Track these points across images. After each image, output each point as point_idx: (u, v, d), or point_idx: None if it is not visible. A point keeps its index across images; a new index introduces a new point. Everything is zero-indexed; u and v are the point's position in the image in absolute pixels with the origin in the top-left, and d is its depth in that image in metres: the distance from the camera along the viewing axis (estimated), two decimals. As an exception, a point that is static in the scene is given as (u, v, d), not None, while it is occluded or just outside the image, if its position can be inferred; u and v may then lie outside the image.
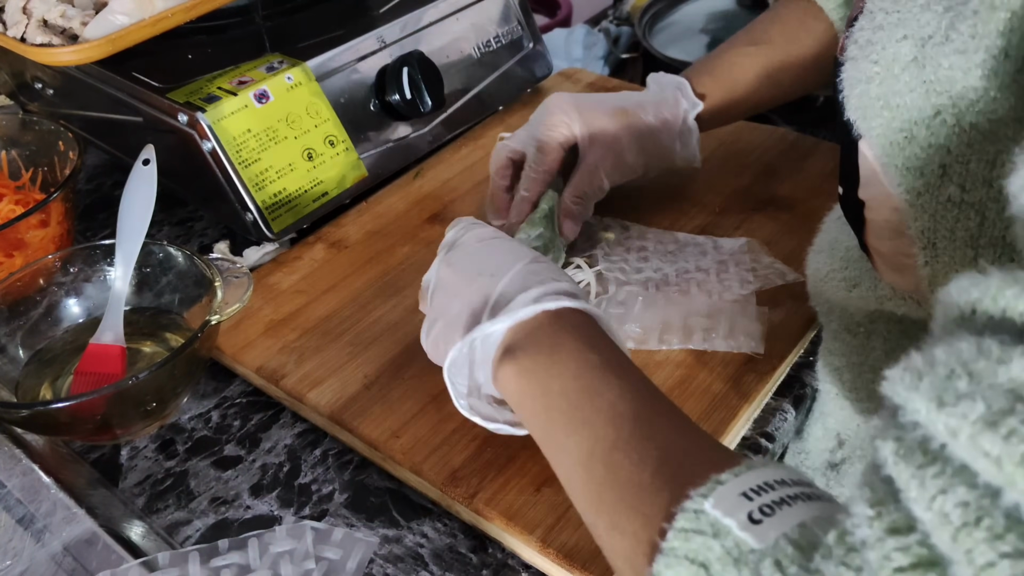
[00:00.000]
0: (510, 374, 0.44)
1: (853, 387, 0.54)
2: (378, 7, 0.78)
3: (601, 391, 0.40)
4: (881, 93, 0.40)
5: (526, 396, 0.43)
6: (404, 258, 0.68)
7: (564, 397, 0.41)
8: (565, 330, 0.44)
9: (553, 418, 0.41)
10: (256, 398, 0.60)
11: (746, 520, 0.30)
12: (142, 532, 0.51)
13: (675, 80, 0.66)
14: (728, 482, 0.32)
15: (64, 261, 0.62)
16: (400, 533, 0.51)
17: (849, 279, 0.50)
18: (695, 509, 0.32)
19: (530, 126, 0.66)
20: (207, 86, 0.67)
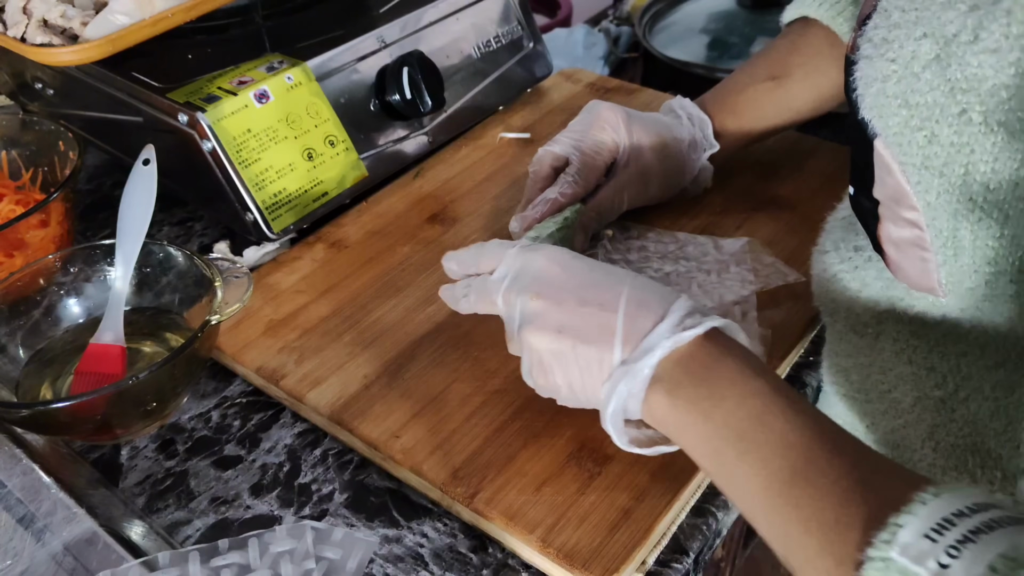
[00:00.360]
0: (664, 407, 0.43)
1: (862, 388, 0.54)
2: (378, 7, 0.78)
3: (768, 420, 0.40)
4: (899, 91, 0.39)
5: (687, 426, 0.43)
6: (404, 258, 0.68)
7: (729, 427, 0.41)
8: (712, 355, 0.43)
9: (721, 450, 0.41)
10: (256, 398, 0.60)
11: (935, 566, 0.31)
12: (142, 532, 0.51)
13: (700, 117, 0.67)
14: (907, 524, 0.32)
15: (64, 261, 0.62)
16: (400, 533, 0.51)
17: (860, 279, 0.50)
18: (882, 557, 0.32)
19: (576, 132, 0.65)
20: (207, 86, 0.67)
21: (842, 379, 0.56)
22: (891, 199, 0.42)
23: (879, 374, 0.52)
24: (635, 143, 0.64)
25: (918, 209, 0.41)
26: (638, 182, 0.65)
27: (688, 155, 0.66)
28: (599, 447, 0.52)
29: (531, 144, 0.80)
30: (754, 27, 0.96)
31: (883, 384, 0.52)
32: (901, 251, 0.44)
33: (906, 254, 0.44)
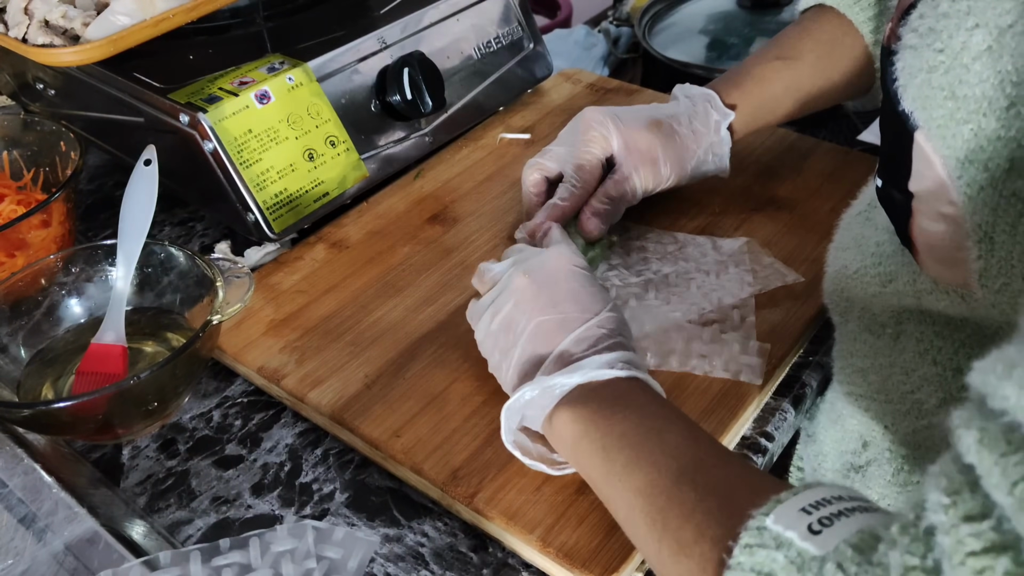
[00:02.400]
0: (566, 419, 0.45)
1: (881, 388, 0.54)
2: (379, 8, 0.78)
3: (663, 434, 0.42)
4: (946, 83, 0.39)
5: (583, 439, 0.45)
6: (405, 258, 0.68)
7: (625, 438, 0.43)
8: (628, 390, 0.46)
9: (612, 457, 0.43)
10: (257, 398, 0.60)
11: (806, 531, 0.32)
12: (143, 531, 0.51)
13: (704, 92, 0.67)
14: (787, 500, 0.34)
15: (66, 261, 0.62)
16: (401, 532, 0.51)
17: (884, 275, 0.50)
18: (758, 526, 0.33)
19: (564, 143, 0.65)
20: (208, 87, 0.68)
21: (859, 380, 0.56)
22: (929, 193, 0.42)
23: (901, 375, 0.52)
24: (627, 136, 0.63)
25: (957, 204, 0.40)
26: (644, 166, 0.64)
27: (697, 129, 0.65)
28: (599, 447, 0.52)
29: (531, 145, 0.80)
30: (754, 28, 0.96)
31: (905, 385, 0.52)
32: (934, 246, 0.43)
33: (940, 249, 0.43)
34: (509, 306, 0.50)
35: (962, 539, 0.24)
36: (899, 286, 0.48)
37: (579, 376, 0.45)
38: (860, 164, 0.74)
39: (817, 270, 0.63)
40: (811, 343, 0.61)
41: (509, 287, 0.51)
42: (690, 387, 0.55)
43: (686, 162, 0.65)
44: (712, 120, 0.66)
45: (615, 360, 0.46)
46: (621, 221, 0.68)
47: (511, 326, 0.50)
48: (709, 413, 0.54)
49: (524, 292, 0.50)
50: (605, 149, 0.64)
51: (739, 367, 0.56)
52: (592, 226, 0.62)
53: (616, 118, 0.64)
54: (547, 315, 0.48)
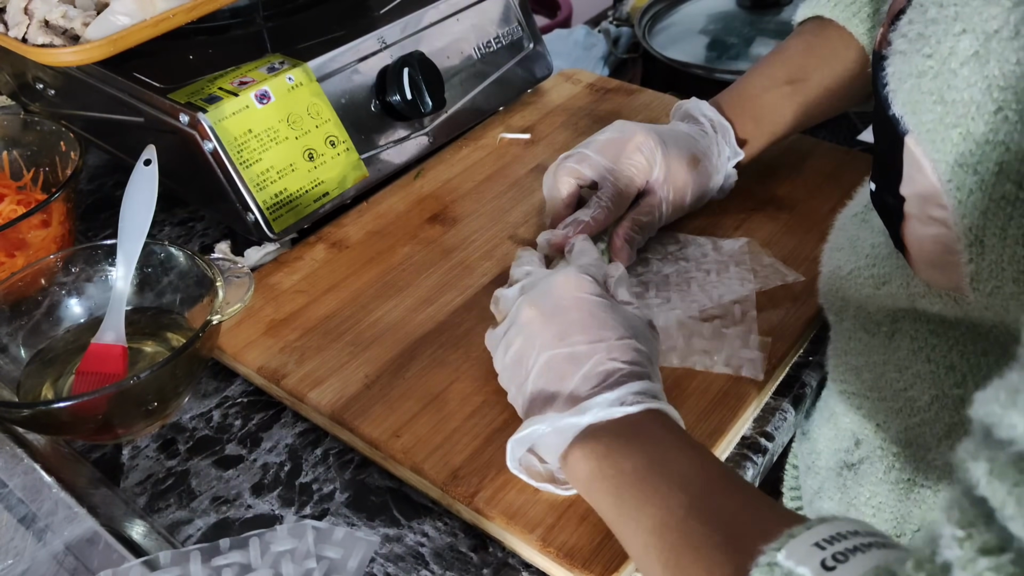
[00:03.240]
0: (579, 457, 0.45)
1: (875, 386, 0.54)
2: (379, 8, 0.78)
3: (672, 465, 0.42)
4: (935, 88, 0.39)
5: (596, 478, 0.44)
6: (405, 258, 0.68)
7: (636, 474, 0.43)
8: (642, 424, 0.45)
9: (624, 494, 0.43)
10: (257, 398, 0.60)
11: (819, 567, 0.31)
12: (143, 531, 0.51)
13: (722, 124, 0.66)
14: (800, 535, 0.33)
15: (66, 261, 0.62)
16: (401, 532, 0.51)
17: (877, 276, 0.50)
18: (769, 562, 0.33)
19: (604, 155, 0.63)
20: (208, 87, 0.68)
21: (852, 378, 0.56)
22: (919, 196, 0.42)
23: (895, 372, 0.52)
24: (671, 164, 0.63)
25: (947, 207, 0.40)
26: (675, 199, 0.64)
27: (716, 166, 0.66)
28: (599, 447, 0.52)
29: (531, 145, 0.80)
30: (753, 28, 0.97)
31: (899, 383, 0.52)
32: (926, 249, 0.43)
33: (931, 253, 0.43)
34: (520, 340, 0.50)
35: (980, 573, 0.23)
36: (893, 288, 0.49)
37: (589, 416, 0.45)
38: (860, 164, 0.74)
39: (817, 269, 0.63)
40: (811, 343, 0.61)
41: (518, 320, 0.50)
42: (690, 387, 0.55)
43: (703, 199, 0.67)
44: (726, 156, 0.66)
45: (625, 395, 0.46)
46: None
47: (522, 360, 0.49)
48: (709, 413, 0.54)
49: (532, 325, 0.49)
50: (646, 176, 0.63)
51: (740, 362, 0.56)
52: (625, 255, 0.62)
53: (664, 148, 0.63)
54: (556, 349, 0.48)
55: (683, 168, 0.64)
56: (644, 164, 0.63)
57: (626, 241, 0.62)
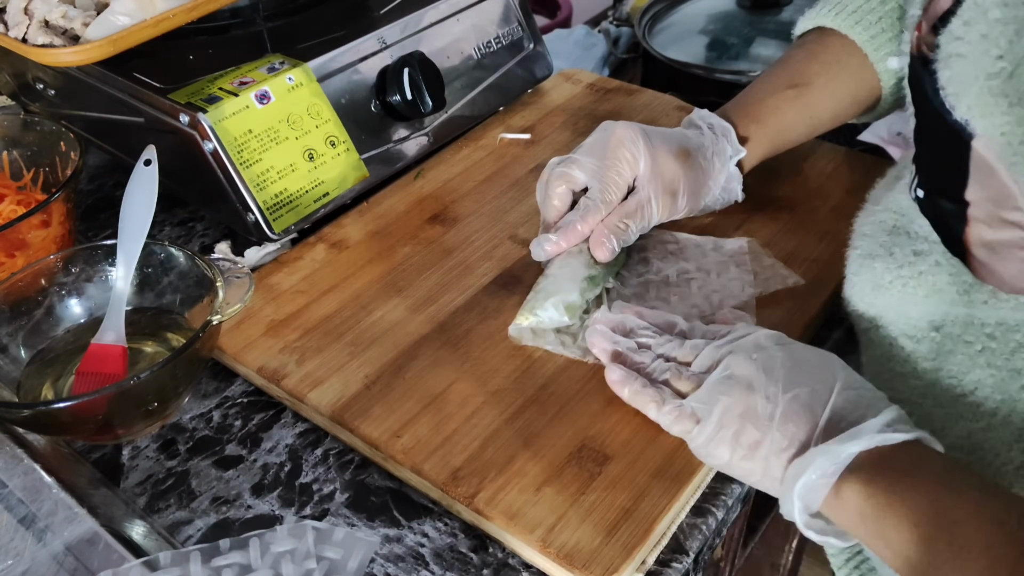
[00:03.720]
0: (862, 494, 0.42)
1: (928, 393, 0.52)
2: (379, 8, 0.78)
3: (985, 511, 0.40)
4: (1009, 89, 0.38)
5: (888, 514, 0.42)
6: (405, 258, 0.68)
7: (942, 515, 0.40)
8: (917, 455, 0.43)
9: (932, 535, 0.40)
10: (257, 398, 0.60)
11: None
12: (143, 532, 0.51)
13: (722, 125, 0.66)
14: None
15: (66, 261, 0.62)
16: (401, 533, 0.51)
17: (928, 285, 0.48)
18: None
19: (593, 155, 0.63)
20: (208, 87, 0.68)
21: (899, 385, 0.54)
22: (990, 201, 0.41)
23: (950, 379, 0.50)
24: (656, 156, 0.62)
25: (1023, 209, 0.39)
26: (665, 196, 0.63)
27: (713, 163, 0.65)
28: (599, 447, 0.52)
29: (531, 145, 0.80)
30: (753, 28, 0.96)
31: (956, 389, 0.50)
32: (997, 253, 0.42)
33: (1004, 256, 0.42)
34: (740, 392, 0.47)
35: None
36: (946, 296, 0.47)
37: (866, 440, 0.43)
38: (860, 164, 0.74)
39: (817, 270, 0.63)
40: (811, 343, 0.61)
41: (738, 374, 0.48)
42: (690, 387, 0.55)
43: (701, 197, 0.65)
44: (727, 156, 0.65)
45: (893, 421, 0.44)
46: None
47: (755, 412, 0.46)
48: (709, 413, 0.54)
49: (754, 375, 0.47)
50: (633, 170, 0.62)
51: None
52: (606, 250, 0.61)
53: (648, 139, 0.62)
54: (795, 391, 0.45)
55: (671, 160, 0.62)
56: (629, 158, 0.62)
57: (610, 231, 0.61)
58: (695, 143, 0.65)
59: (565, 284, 0.59)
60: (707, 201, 0.66)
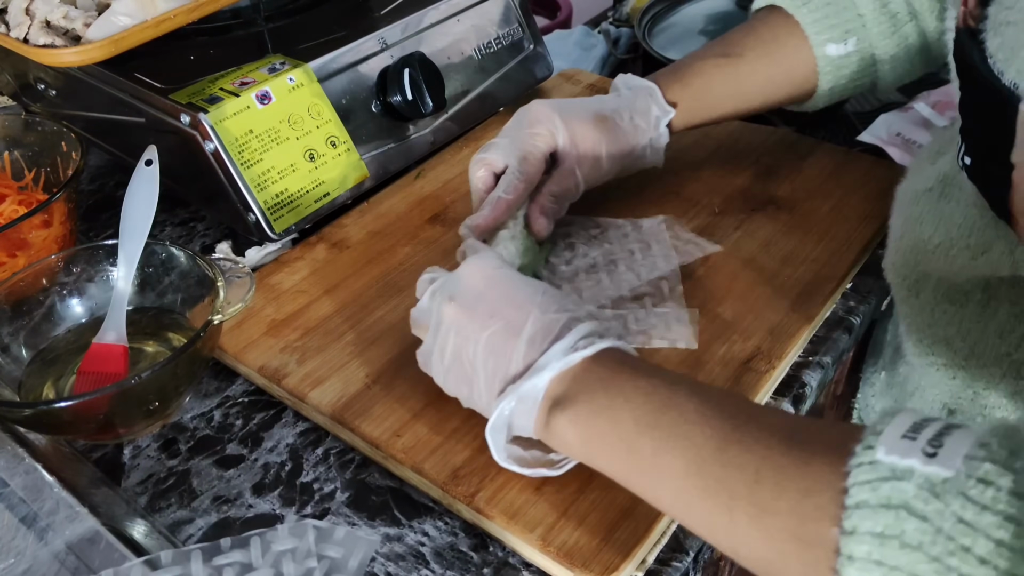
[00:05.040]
0: (565, 422, 0.44)
1: (971, 354, 0.53)
2: (379, 8, 0.78)
3: (680, 404, 0.41)
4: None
5: (593, 437, 0.43)
6: (405, 258, 0.68)
7: (641, 423, 0.41)
8: (608, 367, 0.45)
9: (636, 446, 0.41)
10: (258, 397, 0.60)
11: (923, 456, 0.31)
12: (144, 531, 0.51)
13: (646, 85, 0.67)
14: (884, 431, 0.32)
15: (67, 261, 0.62)
16: (401, 532, 0.51)
17: (976, 246, 0.49)
18: (869, 461, 0.32)
19: (509, 135, 0.64)
20: (209, 87, 0.68)
21: (942, 349, 0.55)
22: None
23: (995, 338, 0.51)
24: (572, 126, 0.63)
25: None
26: (588, 161, 0.64)
27: (636, 123, 0.66)
28: (599, 446, 0.52)
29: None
30: (754, 29, 0.96)
31: (1001, 347, 0.51)
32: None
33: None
34: (452, 338, 0.49)
35: None
36: (993, 257, 0.48)
37: (548, 371, 0.45)
38: (860, 164, 0.74)
39: (817, 270, 0.64)
40: (811, 343, 0.61)
41: (442, 321, 0.50)
42: (690, 387, 0.55)
43: (626, 157, 0.66)
44: (653, 116, 0.66)
45: (576, 340, 0.45)
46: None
47: (462, 355, 0.49)
48: (709, 413, 0.54)
49: (458, 318, 0.49)
50: (550, 144, 0.63)
51: (674, 335, 0.58)
52: (541, 225, 0.63)
53: (562, 112, 0.64)
54: (490, 328, 0.47)
55: (588, 127, 0.64)
56: (544, 131, 0.63)
57: (541, 212, 0.63)
58: (611, 107, 0.66)
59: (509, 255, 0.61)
60: (632, 160, 0.67)
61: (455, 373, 0.50)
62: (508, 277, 0.50)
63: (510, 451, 0.48)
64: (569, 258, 0.66)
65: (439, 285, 0.52)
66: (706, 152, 0.77)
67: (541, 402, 0.45)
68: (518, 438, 0.49)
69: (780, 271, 0.64)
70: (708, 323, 0.60)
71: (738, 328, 0.59)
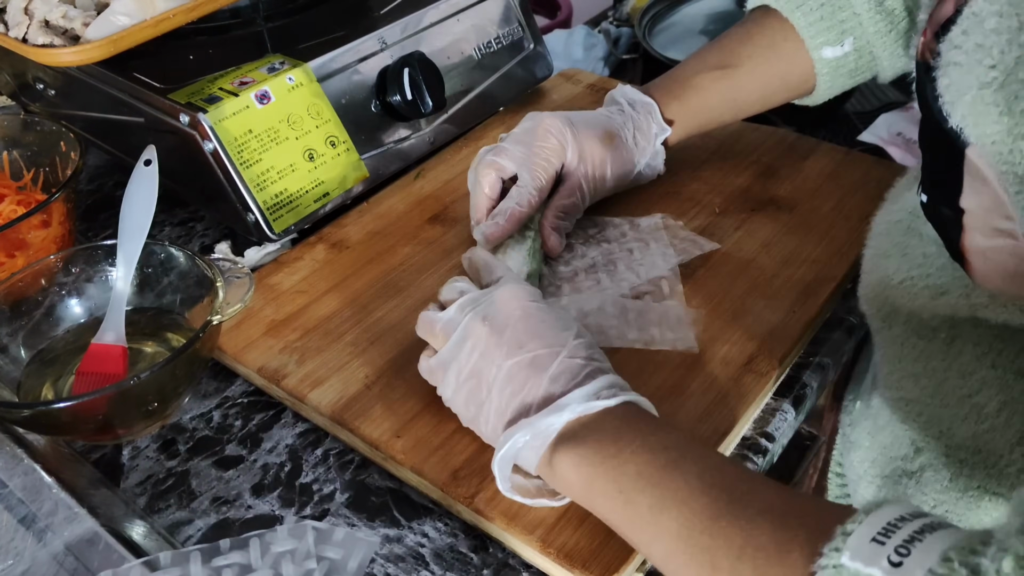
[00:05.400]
0: (569, 464, 0.45)
1: (936, 392, 0.53)
2: (379, 8, 0.78)
3: (683, 467, 0.41)
4: (1000, 99, 0.38)
5: (594, 482, 0.44)
6: (405, 258, 0.68)
7: (643, 478, 0.42)
8: (623, 419, 0.45)
9: (634, 500, 0.42)
10: (257, 398, 0.60)
11: (888, 565, 0.31)
12: (144, 532, 0.51)
13: (644, 102, 0.68)
14: (855, 531, 0.33)
15: (66, 261, 0.62)
16: (401, 533, 0.51)
17: (933, 287, 0.49)
18: (834, 564, 0.32)
19: (521, 144, 0.65)
20: (208, 87, 0.68)
21: (909, 384, 0.54)
22: (983, 209, 0.41)
23: (958, 379, 0.51)
24: (582, 142, 0.65)
25: (1015, 219, 0.39)
26: (593, 179, 0.66)
27: (637, 141, 0.67)
28: (599, 447, 0.52)
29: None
30: (754, 28, 0.96)
31: (963, 389, 0.51)
32: (990, 261, 0.43)
33: (996, 264, 0.42)
34: (475, 357, 0.49)
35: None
36: (952, 299, 0.48)
37: (568, 413, 0.45)
38: (860, 164, 0.74)
39: (817, 270, 0.63)
40: (811, 343, 0.61)
41: (470, 337, 0.49)
42: (690, 388, 0.55)
43: (626, 176, 0.68)
44: (652, 133, 0.68)
45: (599, 389, 0.46)
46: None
47: (481, 376, 0.48)
48: (709, 414, 0.54)
49: (487, 339, 0.48)
50: (561, 159, 0.65)
51: (676, 337, 0.58)
52: (555, 242, 0.64)
53: (573, 127, 0.65)
54: (515, 357, 0.47)
55: (597, 145, 0.65)
56: (557, 145, 0.64)
57: (553, 229, 0.64)
58: (617, 123, 0.67)
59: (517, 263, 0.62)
60: (632, 178, 0.69)
61: (467, 392, 0.49)
62: (544, 312, 0.50)
63: (514, 481, 0.48)
64: (568, 258, 0.66)
65: (469, 301, 0.51)
66: (706, 152, 0.77)
67: (550, 440, 0.45)
68: (518, 468, 0.49)
69: (780, 271, 0.64)
70: (708, 323, 0.60)
71: (738, 328, 0.59)
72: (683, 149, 0.76)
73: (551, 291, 0.63)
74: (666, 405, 0.53)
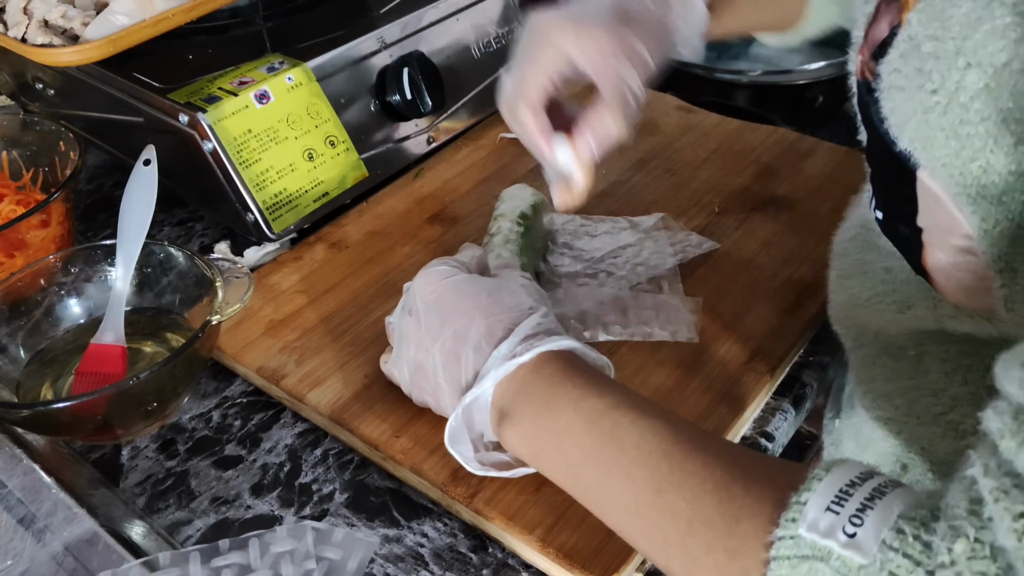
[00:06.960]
0: (515, 439, 0.45)
1: (911, 412, 0.52)
2: (378, 8, 0.78)
3: (619, 435, 0.41)
4: (946, 123, 0.37)
5: (541, 457, 0.44)
6: (404, 258, 0.68)
7: (583, 452, 0.42)
8: (551, 380, 0.44)
9: (579, 474, 0.42)
10: (257, 398, 0.60)
11: (844, 536, 0.31)
12: (143, 532, 0.51)
13: None
14: (810, 500, 0.33)
15: (65, 261, 0.62)
16: (400, 533, 0.51)
17: (900, 301, 0.48)
18: (791, 536, 0.32)
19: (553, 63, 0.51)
20: (208, 86, 0.68)
21: (884, 404, 0.54)
22: (940, 228, 0.41)
23: (929, 397, 0.50)
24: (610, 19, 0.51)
25: (972, 236, 0.39)
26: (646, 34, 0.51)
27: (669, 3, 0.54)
28: (599, 447, 0.52)
29: (531, 144, 0.80)
30: (754, 28, 0.96)
31: (936, 407, 0.50)
32: (952, 277, 0.42)
33: (958, 279, 0.42)
34: (412, 350, 0.50)
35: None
36: (918, 311, 0.47)
37: (489, 380, 0.45)
38: (860, 164, 0.74)
39: (817, 270, 0.63)
40: (811, 343, 0.61)
41: (404, 333, 0.51)
42: (690, 387, 0.55)
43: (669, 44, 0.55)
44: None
45: (516, 343, 0.45)
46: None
47: (423, 367, 0.49)
48: (709, 413, 0.54)
49: (415, 330, 0.50)
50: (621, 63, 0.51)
51: (675, 327, 0.59)
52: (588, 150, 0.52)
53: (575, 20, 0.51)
54: (440, 339, 0.48)
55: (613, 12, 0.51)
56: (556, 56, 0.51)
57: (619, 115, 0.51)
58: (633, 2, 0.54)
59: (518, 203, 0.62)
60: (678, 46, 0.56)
61: (419, 385, 0.51)
62: (454, 284, 0.50)
63: (489, 457, 0.48)
64: (568, 258, 0.66)
65: (404, 299, 0.53)
66: (706, 152, 0.77)
67: (490, 412, 0.46)
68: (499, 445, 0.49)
69: (780, 271, 0.64)
70: (708, 323, 0.60)
71: (738, 328, 0.59)
72: (683, 149, 0.75)
73: (550, 289, 0.63)
74: (666, 404, 0.53)
